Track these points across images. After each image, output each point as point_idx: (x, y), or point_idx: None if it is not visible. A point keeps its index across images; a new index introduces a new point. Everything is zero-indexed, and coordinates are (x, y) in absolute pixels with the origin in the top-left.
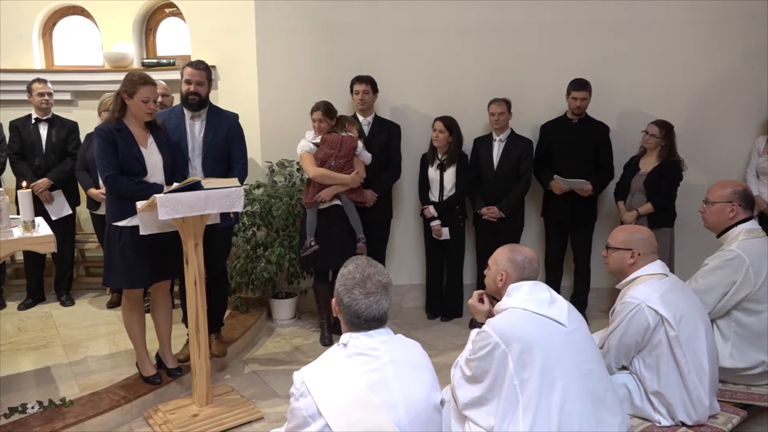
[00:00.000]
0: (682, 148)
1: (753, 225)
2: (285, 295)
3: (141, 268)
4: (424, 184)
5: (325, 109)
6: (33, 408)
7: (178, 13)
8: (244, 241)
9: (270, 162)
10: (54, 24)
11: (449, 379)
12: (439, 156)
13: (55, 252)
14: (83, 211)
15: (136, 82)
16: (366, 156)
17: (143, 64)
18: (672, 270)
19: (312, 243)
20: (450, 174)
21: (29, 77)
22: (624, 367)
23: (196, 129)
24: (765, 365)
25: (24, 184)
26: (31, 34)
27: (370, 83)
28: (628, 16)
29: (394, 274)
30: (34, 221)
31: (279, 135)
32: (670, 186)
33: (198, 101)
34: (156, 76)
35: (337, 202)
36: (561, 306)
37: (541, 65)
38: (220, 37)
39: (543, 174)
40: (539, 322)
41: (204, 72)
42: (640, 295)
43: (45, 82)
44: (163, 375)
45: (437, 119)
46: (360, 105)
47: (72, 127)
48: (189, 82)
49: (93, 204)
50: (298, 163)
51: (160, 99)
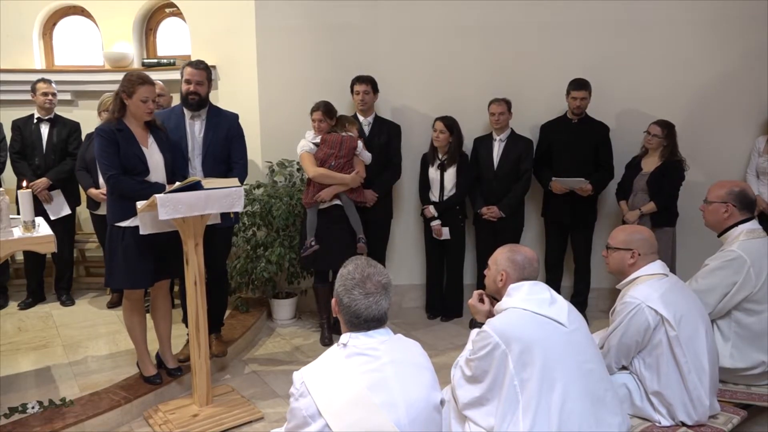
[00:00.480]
0: (682, 147)
1: (753, 225)
2: (285, 295)
3: (143, 268)
4: (424, 184)
5: (325, 109)
6: (33, 408)
7: (178, 13)
8: (244, 241)
9: (270, 162)
10: (54, 24)
11: (449, 379)
12: (440, 156)
13: (55, 252)
14: (83, 211)
15: (134, 81)
16: (366, 156)
17: (143, 64)
18: (674, 270)
19: (312, 243)
20: (450, 174)
21: (30, 77)
22: (624, 367)
23: (196, 129)
24: (765, 365)
25: (24, 183)
26: (32, 34)
27: (370, 83)
28: (627, 15)
29: (394, 274)
30: (34, 221)
31: (279, 135)
32: (672, 185)
33: (198, 101)
34: (156, 76)
35: (338, 202)
36: (561, 306)
37: (541, 65)
38: (220, 37)
39: (543, 174)
40: (539, 322)
41: (204, 72)
42: (640, 295)
43: (49, 82)
44: (164, 375)
45: (437, 119)
46: (360, 105)
47: (73, 128)
48: (189, 81)
49: (93, 204)
50: (298, 163)
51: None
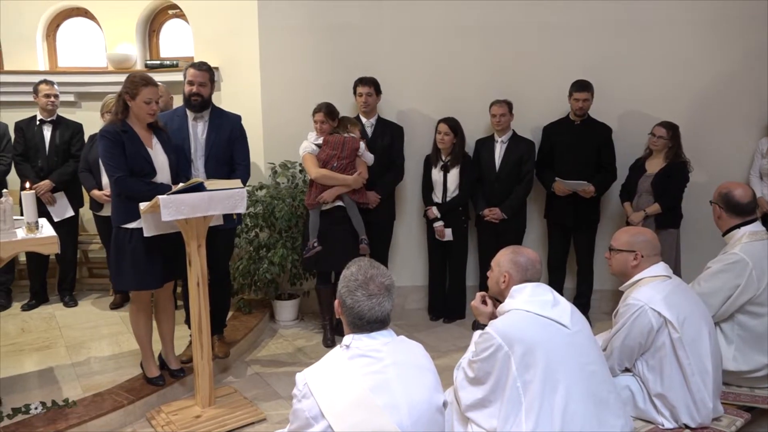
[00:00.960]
0: (684, 149)
1: (756, 227)
2: (288, 297)
3: (152, 269)
4: (427, 185)
5: (327, 111)
6: (36, 409)
7: (181, 15)
8: (246, 243)
9: (273, 163)
10: (58, 26)
11: (452, 381)
12: (443, 157)
13: (59, 253)
14: (86, 213)
15: (137, 83)
16: (368, 157)
17: (146, 65)
18: (678, 272)
19: (315, 244)
20: (453, 175)
21: (33, 79)
22: (627, 369)
23: (198, 130)
24: None
25: (27, 185)
26: (35, 35)
27: (373, 85)
28: (628, 16)
29: (396, 275)
30: (37, 222)
31: (282, 136)
32: (677, 187)
33: (200, 102)
34: (159, 77)
35: (340, 203)
36: (564, 308)
37: (543, 66)
38: (222, 39)
39: (545, 175)
40: (542, 323)
41: (206, 73)
42: (643, 297)
43: (52, 83)
44: (166, 376)
45: (441, 121)
46: (363, 107)
47: (76, 129)
48: (192, 83)
49: (96, 205)
50: (300, 165)
51: None
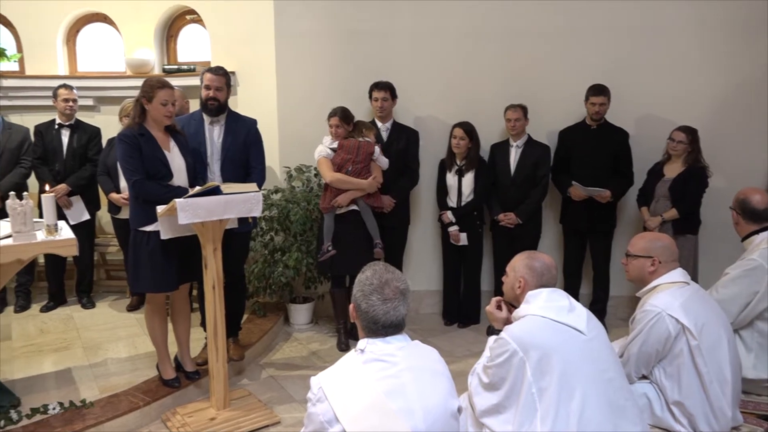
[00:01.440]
0: (703, 153)
1: None
2: (302, 300)
3: (168, 272)
4: (442, 189)
5: (342, 115)
6: (54, 409)
7: (198, 20)
8: (261, 246)
9: (288, 167)
10: (78, 31)
11: (466, 386)
12: (458, 162)
13: (77, 255)
14: (104, 215)
15: (153, 86)
16: (383, 161)
17: (164, 70)
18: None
19: (329, 248)
20: (468, 179)
21: (54, 83)
22: (644, 377)
23: (215, 134)
24: None
25: (47, 187)
26: (56, 41)
27: (389, 90)
28: (645, 19)
29: (411, 279)
30: (57, 225)
31: (297, 140)
32: (695, 192)
33: (217, 107)
34: (176, 82)
35: (355, 207)
36: (580, 313)
37: (558, 70)
38: (239, 44)
39: (561, 180)
40: (558, 329)
41: (223, 78)
42: (660, 304)
43: (71, 88)
44: (182, 378)
45: (456, 126)
46: (379, 112)
47: (93, 133)
48: (208, 87)
49: (114, 208)
50: (315, 169)
51: None
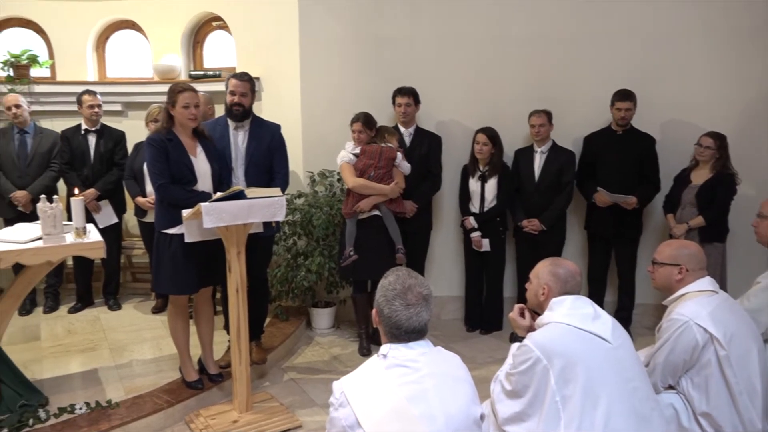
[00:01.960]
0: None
1: None
2: (324, 305)
3: (189, 275)
4: (464, 195)
5: (365, 120)
6: (81, 409)
7: (224, 26)
8: (284, 250)
9: (311, 172)
10: (107, 38)
11: (489, 393)
12: (481, 167)
13: (104, 257)
14: (130, 218)
15: (175, 90)
16: (405, 166)
17: (190, 75)
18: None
19: (351, 253)
20: (491, 185)
21: (83, 89)
22: (671, 387)
23: (239, 139)
24: None
25: (76, 191)
26: (86, 47)
27: (412, 95)
28: (671, 24)
29: (433, 285)
30: (85, 227)
31: (321, 145)
32: (723, 199)
33: (242, 112)
34: (202, 87)
35: (377, 212)
36: (605, 321)
37: (583, 75)
38: (264, 50)
39: (586, 186)
40: (582, 337)
41: (248, 83)
42: (688, 312)
43: (94, 94)
44: (205, 380)
45: (479, 131)
46: (402, 117)
47: (119, 137)
48: (233, 93)
49: (140, 212)
50: (338, 174)
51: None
